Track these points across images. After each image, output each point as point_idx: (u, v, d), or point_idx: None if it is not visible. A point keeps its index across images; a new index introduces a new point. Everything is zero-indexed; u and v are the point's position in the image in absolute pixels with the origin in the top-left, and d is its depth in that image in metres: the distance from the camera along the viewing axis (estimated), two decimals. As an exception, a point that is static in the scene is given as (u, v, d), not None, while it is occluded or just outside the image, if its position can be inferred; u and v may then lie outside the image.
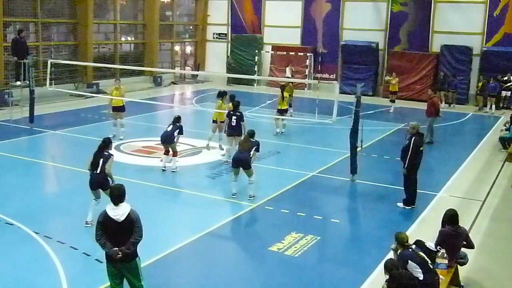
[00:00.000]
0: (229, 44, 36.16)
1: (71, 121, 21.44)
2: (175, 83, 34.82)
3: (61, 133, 19.50)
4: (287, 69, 32.01)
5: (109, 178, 10.68)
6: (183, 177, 14.76)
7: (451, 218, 8.69)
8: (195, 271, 9.49)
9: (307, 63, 32.62)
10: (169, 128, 14.84)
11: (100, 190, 10.72)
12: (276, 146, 18.14)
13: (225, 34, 36.78)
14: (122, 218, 7.07)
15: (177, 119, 15.02)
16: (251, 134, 13.09)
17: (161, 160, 15.13)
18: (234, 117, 15.42)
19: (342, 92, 16.05)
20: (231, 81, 33.86)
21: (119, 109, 18.57)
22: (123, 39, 33.35)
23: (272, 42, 34.54)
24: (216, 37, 37.33)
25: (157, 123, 21.77)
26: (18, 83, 21.21)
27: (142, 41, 33.97)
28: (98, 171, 10.66)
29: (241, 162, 12.61)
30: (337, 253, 10.41)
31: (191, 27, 38.52)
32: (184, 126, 15.50)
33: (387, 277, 7.22)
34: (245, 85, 32.97)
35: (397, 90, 26.61)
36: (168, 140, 14.75)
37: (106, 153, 10.79)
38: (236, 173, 12.81)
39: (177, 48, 37.54)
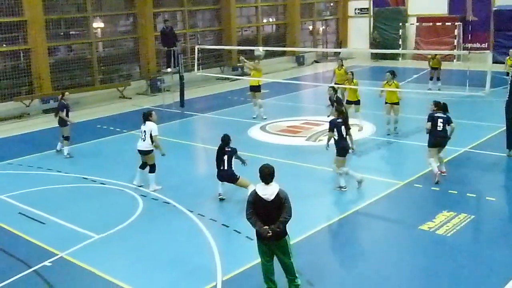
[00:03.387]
0: (372, 19, 35.32)
1: (218, 104, 22.25)
2: (317, 62, 34.76)
3: (209, 116, 20.33)
4: None
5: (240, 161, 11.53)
6: (329, 156, 14.69)
7: None
8: (344, 249, 9.44)
9: (455, 33, 30.92)
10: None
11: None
12: (423, 121, 17.40)
13: (367, 9, 35.96)
14: (272, 197, 7.18)
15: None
16: None
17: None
18: (440, 120, 12.24)
19: (495, 61, 15.03)
20: (376, 56, 33.08)
21: (254, 89, 19.11)
22: (264, 21, 33.86)
23: (417, 13, 33.18)
24: (358, 13, 36.65)
25: (301, 102, 21.88)
26: (169, 70, 22.45)
27: (284, 21, 34.24)
28: (225, 168, 11.29)
29: None
30: (493, 234, 9.79)
31: (331, 4, 38.10)
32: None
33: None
34: (389, 59, 32.05)
35: None
36: None
37: (228, 149, 11.34)
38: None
39: (318, 26, 37.36)
